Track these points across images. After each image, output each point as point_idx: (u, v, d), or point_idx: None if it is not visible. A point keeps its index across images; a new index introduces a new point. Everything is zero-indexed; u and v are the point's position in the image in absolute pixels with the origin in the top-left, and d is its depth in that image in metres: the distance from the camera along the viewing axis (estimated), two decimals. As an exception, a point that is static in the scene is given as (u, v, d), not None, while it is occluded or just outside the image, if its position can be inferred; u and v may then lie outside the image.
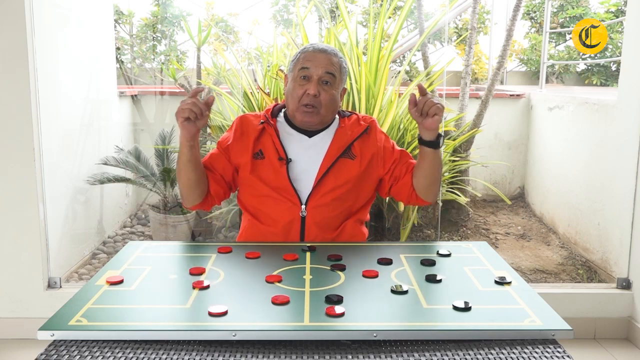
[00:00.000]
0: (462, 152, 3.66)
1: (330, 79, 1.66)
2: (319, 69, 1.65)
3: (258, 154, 1.69)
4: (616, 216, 2.78)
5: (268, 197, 1.67)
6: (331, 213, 1.66)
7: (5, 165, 2.45)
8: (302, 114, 1.67)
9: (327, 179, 1.67)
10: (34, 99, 2.44)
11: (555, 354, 0.96)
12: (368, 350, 0.97)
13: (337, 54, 1.70)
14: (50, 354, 0.95)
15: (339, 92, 1.71)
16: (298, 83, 1.67)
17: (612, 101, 3.04)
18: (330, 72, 1.65)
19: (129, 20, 4.66)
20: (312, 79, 1.65)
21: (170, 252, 1.40)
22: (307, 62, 1.66)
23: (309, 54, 1.67)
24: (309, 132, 1.73)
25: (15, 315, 2.54)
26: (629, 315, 2.60)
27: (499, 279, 1.22)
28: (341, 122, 1.75)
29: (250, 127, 1.72)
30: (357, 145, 1.71)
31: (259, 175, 1.67)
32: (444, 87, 3.82)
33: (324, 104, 1.66)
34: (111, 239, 3.57)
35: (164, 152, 3.58)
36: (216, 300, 1.10)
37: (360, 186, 1.70)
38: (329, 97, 1.66)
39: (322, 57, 1.66)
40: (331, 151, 1.69)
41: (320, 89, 1.65)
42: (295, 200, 1.65)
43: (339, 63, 1.69)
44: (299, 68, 1.67)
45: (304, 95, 1.65)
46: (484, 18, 5.41)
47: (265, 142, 1.70)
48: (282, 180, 1.65)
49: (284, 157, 1.66)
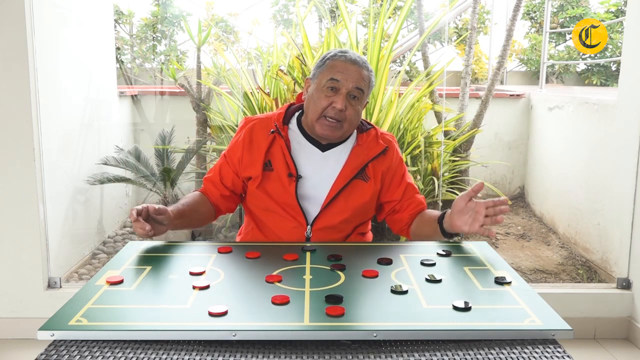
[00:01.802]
0: (462, 152, 3.66)
1: (358, 94, 1.56)
2: (350, 82, 1.54)
3: (267, 165, 1.61)
4: (616, 216, 2.78)
5: (273, 213, 1.61)
6: (337, 235, 1.62)
7: (5, 165, 2.45)
8: (324, 127, 1.56)
9: (337, 201, 1.59)
10: (34, 99, 2.44)
11: (555, 354, 0.96)
12: (368, 350, 0.97)
13: (368, 67, 1.59)
14: (50, 354, 0.95)
15: (363, 107, 1.62)
16: (324, 93, 1.55)
17: (612, 101, 3.04)
18: (360, 88, 1.55)
19: (129, 20, 4.66)
20: (340, 92, 1.54)
21: (170, 252, 1.40)
22: (337, 74, 1.54)
23: (340, 63, 1.56)
24: (323, 146, 1.63)
25: (15, 315, 2.54)
26: (629, 315, 2.60)
27: (499, 279, 1.22)
28: (359, 138, 1.65)
29: (261, 136, 1.62)
30: (372, 166, 1.63)
31: (266, 189, 1.60)
32: (444, 87, 3.82)
33: (348, 119, 1.56)
34: (111, 239, 3.57)
35: (164, 152, 3.59)
36: (216, 300, 1.10)
37: (369, 207, 1.65)
38: (354, 113, 1.56)
39: (354, 70, 1.55)
40: (345, 171, 1.60)
41: (347, 103, 1.54)
42: (302, 219, 1.59)
43: (369, 77, 1.59)
44: (328, 78, 1.55)
45: (329, 108, 1.54)
46: (484, 18, 5.41)
47: (275, 154, 1.61)
48: (290, 198, 1.58)
49: (294, 174, 1.58)
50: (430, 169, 3.32)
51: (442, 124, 3.56)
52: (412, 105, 3.29)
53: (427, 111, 3.43)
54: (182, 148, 3.67)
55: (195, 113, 3.80)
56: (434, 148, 3.35)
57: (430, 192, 3.29)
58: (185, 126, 3.84)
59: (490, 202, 1.39)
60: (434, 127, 3.52)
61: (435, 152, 3.33)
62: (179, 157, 3.61)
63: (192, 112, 3.81)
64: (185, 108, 3.86)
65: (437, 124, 3.70)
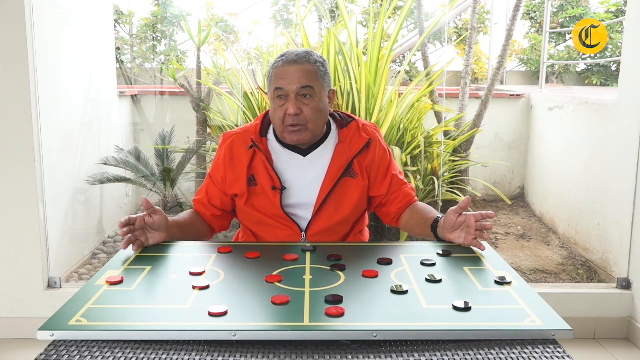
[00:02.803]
0: (462, 152, 3.66)
1: (308, 91, 1.52)
2: (293, 84, 1.51)
3: (251, 180, 1.59)
4: (616, 216, 2.78)
5: (266, 225, 1.61)
6: (334, 237, 1.61)
7: (5, 165, 2.45)
8: (290, 135, 1.54)
9: (327, 204, 1.58)
10: (34, 99, 2.44)
11: (555, 354, 0.96)
12: (368, 350, 0.97)
13: (310, 59, 1.54)
14: (50, 354, 0.95)
15: (324, 100, 1.56)
16: (276, 104, 1.54)
17: (612, 101, 3.04)
18: (307, 85, 1.51)
19: (129, 20, 4.66)
20: (289, 97, 1.51)
21: (170, 252, 1.40)
22: (279, 81, 1.52)
23: (280, 70, 1.53)
24: (304, 150, 1.60)
25: (15, 315, 2.54)
26: (629, 315, 2.60)
27: (499, 279, 1.22)
28: (340, 134, 1.62)
29: (241, 151, 1.60)
30: (357, 162, 1.61)
31: (253, 205, 1.60)
32: (444, 87, 3.82)
33: (309, 119, 1.53)
34: (111, 239, 3.57)
35: (164, 152, 3.58)
36: (216, 300, 1.10)
37: (361, 202, 1.64)
38: (312, 111, 1.53)
39: (294, 71, 1.51)
40: (331, 172, 1.58)
41: (300, 105, 1.51)
42: (295, 228, 1.59)
43: (314, 70, 1.53)
44: (273, 89, 1.54)
45: (285, 116, 1.52)
46: (484, 18, 5.41)
47: (257, 167, 1.59)
48: (277, 210, 1.57)
49: (278, 187, 1.56)
50: (430, 169, 3.32)
51: (442, 124, 3.56)
52: (412, 105, 3.29)
53: (427, 111, 3.43)
54: (182, 148, 3.67)
55: (195, 113, 3.80)
56: (434, 148, 3.35)
57: (430, 192, 3.29)
58: (185, 126, 3.84)
59: (479, 214, 1.41)
60: (434, 127, 3.52)
61: (435, 152, 3.33)
62: (179, 157, 3.61)
63: (192, 112, 3.81)
64: (185, 108, 3.86)
65: (437, 124, 3.70)
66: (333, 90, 1.63)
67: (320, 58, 1.57)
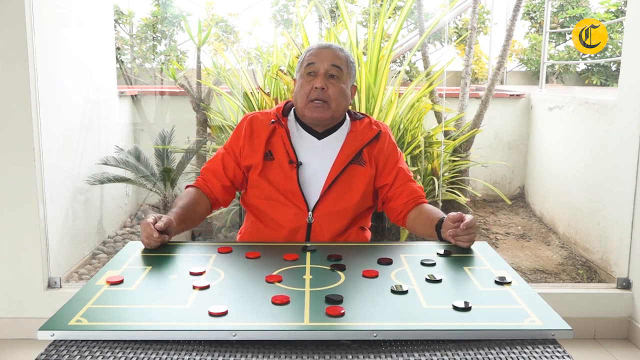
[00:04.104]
0: (462, 152, 3.66)
1: (337, 72, 1.64)
2: (325, 62, 1.63)
3: (268, 155, 1.65)
4: (616, 216, 2.78)
5: (275, 201, 1.64)
6: (338, 222, 1.64)
7: (5, 165, 2.45)
8: (312, 110, 1.63)
9: (335, 186, 1.63)
10: (34, 99, 2.44)
11: (555, 354, 0.96)
12: (368, 350, 0.97)
13: (343, 49, 1.69)
14: (50, 354, 0.95)
15: (348, 87, 1.68)
16: (305, 80, 1.65)
17: (612, 101, 3.04)
18: (337, 65, 1.63)
19: (129, 20, 4.66)
20: (318, 73, 1.63)
21: (170, 252, 1.40)
22: (312, 58, 1.65)
23: (314, 50, 1.67)
24: (319, 134, 1.69)
25: (15, 315, 2.54)
26: (629, 315, 2.60)
27: (499, 279, 1.22)
28: (352, 125, 1.71)
29: (262, 127, 1.68)
30: (367, 151, 1.67)
31: (267, 177, 1.64)
32: (444, 87, 3.82)
33: (333, 98, 1.62)
34: (111, 239, 3.57)
35: (164, 152, 3.59)
36: (216, 300, 1.10)
37: (368, 192, 1.67)
38: (337, 90, 1.63)
39: (327, 52, 1.65)
40: (341, 157, 1.65)
41: (327, 82, 1.62)
42: (303, 206, 1.62)
43: (346, 57, 1.67)
44: (305, 65, 1.66)
45: (311, 91, 1.62)
46: (484, 18, 5.41)
47: (276, 143, 1.66)
48: (292, 184, 1.62)
49: (294, 161, 1.63)
50: (430, 169, 3.32)
51: (442, 124, 3.56)
52: (412, 105, 3.29)
53: (427, 111, 3.43)
54: (182, 148, 3.67)
55: (195, 113, 3.80)
56: (434, 148, 3.35)
57: (430, 192, 3.29)
58: (185, 126, 3.84)
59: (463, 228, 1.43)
60: (434, 127, 3.52)
61: (435, 152, 3.33)
62: (179, 157, 3.61)
63: (192, 112, 3.81)
64: (185, 108, 3.86)
65: (437, 124, 3.70)
66: (355, 85, 1.75)
67: (350, 54, 1.72)
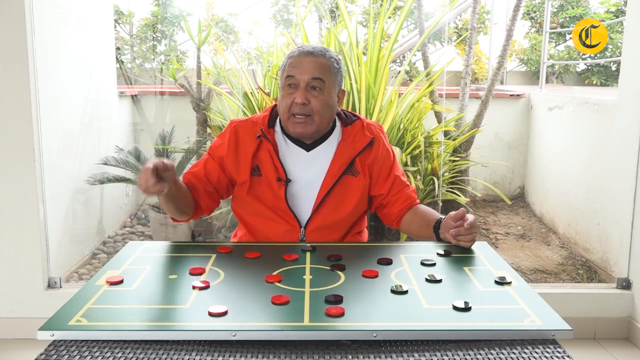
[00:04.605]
0: (462, 152, 3.66)
1: (318, 84, 1.53)
2: (305, 74, 1.52)
3: (255, 170, 1.58)
4: (616, 216, 2.78)
5: (266, 218, 1.59)
6: (332, 235, 1.59)
7: (5, 165, 2.45)
8: (294, 125, 1.54)
9: (328, 200, 1.57)
10: (34, 99, 2.44)
11: (555, 354, 0.96)
12: (368, 350, 0.97)
13: (325, 54, 1.56)
14: (50, 354, 0.95)
15: (333, 96, 1.57)
16: (286, 92, 1.55)
17: (612, 101, 3.04)
18: (318, 77, 1.52)
19: (129, 20, 4.66)
20: (299, 87, 1.52)
21: (170, 252, 1.40)
22: (292, 69, 1.53)
23: (294, 59, 1.55)
24: (307, 145, 1.60)
25: (15, 315, 2.54)
26: (629, 315, 2.60)
27: (499, 279, 1.22)
28: (344, 132, 1.62)
29: (247, 138, 1.59)
30: (360, 160, 1.60)
31: (256, 194, 1.58)
32: (444, 87, 3.82)
33: (316, 111, 1.53)
34: (111, 239, 3.57)
35: (164, 152, 3.58)
36: (216, 300, 1.10)
37: (362, 201, 1.63)
38: (320, 103, 1.53)
39: (308, 62, 1.53)
40: (333, 169, 1.58)
41: (308, 95, 1.52)
42: (294, 223, 1.57)
43: (328, 65, 1.55)
44: (285, 76, 1.55)
45: (292, 105, 1.53)
46: (484, 18, 5.41)
47: (263, 158, 1.58)
48: (280, 202, 1.56)
49: (283, 178, 1.56)
50: (430, 169, 3.32)
51: (442, 124, 3.56)
52: (412, 105, 3.29)
53: (427, 111, 3.43)
54: (182, 148, 3.67)
55: (195, 113, 3.80)
56: (434, 148, 3.35)
57: (430, 192, 3.29)
58: (185, 126, 3.83)
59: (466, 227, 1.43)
60: (434, 127, 3.52)
61: (435, 152, 3.33)
62: (179, 157, 3.61)
63: (192, 112, 3.81)
64: (185, 108, 3.86)
65: (437, 124, 3.69)
66: (343, 90, 1.64)
67: (336, 56, 1.59)
